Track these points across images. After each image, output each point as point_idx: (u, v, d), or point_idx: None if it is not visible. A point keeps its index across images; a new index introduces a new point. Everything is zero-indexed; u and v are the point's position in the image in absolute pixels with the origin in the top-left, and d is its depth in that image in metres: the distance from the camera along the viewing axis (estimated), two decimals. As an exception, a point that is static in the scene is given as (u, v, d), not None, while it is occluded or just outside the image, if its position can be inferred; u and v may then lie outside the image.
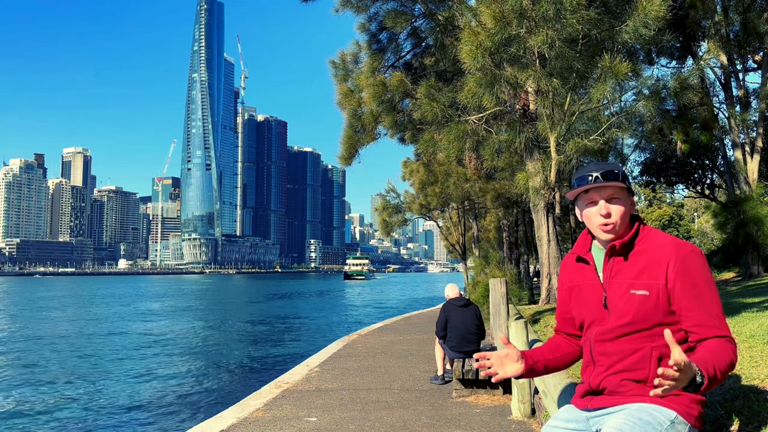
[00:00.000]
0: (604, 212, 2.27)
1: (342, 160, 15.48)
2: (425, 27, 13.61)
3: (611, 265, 2.30)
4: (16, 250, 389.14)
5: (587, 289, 2.37)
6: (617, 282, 2.26)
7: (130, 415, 12.78)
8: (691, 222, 60.54)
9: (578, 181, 2.33)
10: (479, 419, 6.38)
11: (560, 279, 2.58)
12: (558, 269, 14.15)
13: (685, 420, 2.12)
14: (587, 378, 2.34)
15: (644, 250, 2.26)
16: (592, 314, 2.34)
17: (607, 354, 2.25)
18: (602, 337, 2.27)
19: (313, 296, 73.75)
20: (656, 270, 2.19)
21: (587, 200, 2.33)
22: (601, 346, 2.27)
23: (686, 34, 16.46)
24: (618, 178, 2.27)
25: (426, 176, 27.53)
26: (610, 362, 2.24)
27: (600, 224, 2.30)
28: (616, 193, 2.28)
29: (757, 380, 3.32)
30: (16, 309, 51.35)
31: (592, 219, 2.32)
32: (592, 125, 10.15)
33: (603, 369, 2.26)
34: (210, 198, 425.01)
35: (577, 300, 2.41)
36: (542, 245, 13.91)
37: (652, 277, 2.19)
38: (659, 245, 2.24)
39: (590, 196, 2.31)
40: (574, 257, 2.48)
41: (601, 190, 2.28)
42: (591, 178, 2.28)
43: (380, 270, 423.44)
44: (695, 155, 23.70)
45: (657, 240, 2.26)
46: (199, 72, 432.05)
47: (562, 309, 2.58)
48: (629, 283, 2.22)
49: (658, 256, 2.21)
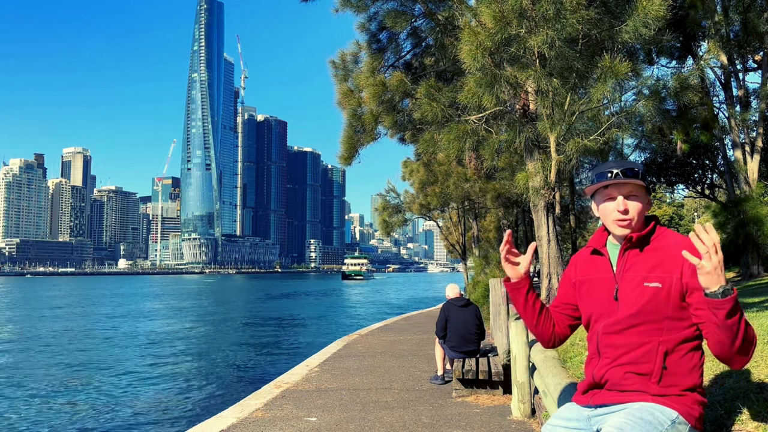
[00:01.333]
0: (621, 208, 2.29)
1: (342, 160, 15.47)
2: (425, 27, 13.61)
3: (626, 259, 2.32)
4: (15, 250, 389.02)
5: (598, 283, 2.39)
6: (631, 275, 2.28)
7: (130, 415, 12.77)
8: (691, 222, 60.54)
9: (598, 177, 2.35)
10: (479, 419, 6.38)
11: (567, 272, 2.60)
12: (558, 269, 14.16)
13: (686, 420, 2.12)
14: (591, 371, 2.35)
15: (660, 247, 2.28)
16: (601, 307, 2.35)
17: (614, 346, 2.26)
18: (610, 329, 2.28)
19: (313, 296, 73.73)
20: (671, 265, 2.22)
21: (606, 196, 2.36)
22: (609, 338, 2.28)
23: (686, 34, 16.46)
24: (638, 176, 2.30)
25: (426, 176, 27.53)
26: (616, 354, 2.25)
27: (616, 219, 2.32)
28: (635, 190, 2.31)
29: (758, 380, 3.32)
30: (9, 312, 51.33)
31: (609, 214, 2.34)
32: (592, 125, 10.14)
33: (608, 361, 2.27)
34: (210, 198, 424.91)
35: (587, 294, 2.43)
36: (542, 245, 13.89)
37: (666, 271, 2.21)
38: (675, 242, 2.26)
39: (609, 192, 2.34)
40: (588, 251, 2.50)
41: (620, 186, 2.32)
42: (611, 175, 2.30)
43: (380, 270, 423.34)
44: (695, 155, 23.70)
45: (672, 238, 2.29)
46: (199, 72, 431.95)
47: (561, 296, 2.59)
48: (643, 276, 2.25)
49: (673, 252, 2.23)
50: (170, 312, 46.71)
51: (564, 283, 2.60)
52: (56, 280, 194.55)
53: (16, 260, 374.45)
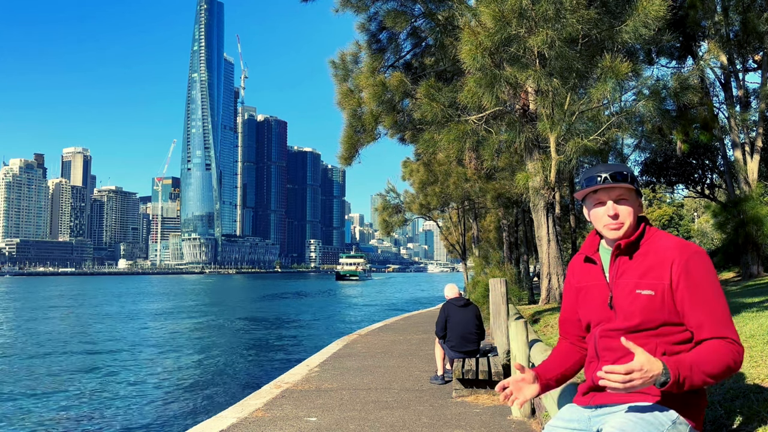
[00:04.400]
0: (612, 213, 2.28)
1: (342, 160, 15.48)
2: (425, 27, 13.61)
3: (617, 265, 2.31)
4: (15, 250, 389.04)
5: (594, 290, 2.37)
6: (623, 282, 2.26)
7: (130, 415, 12.77)
8: (691, 222, 60.53)
9: (587, 182, 2.33)
10: (479, 419, 6.38)
11: (568, 279, 2.59)
12: (558, 269, 14.19)
13: (686, 421, 2.12)
14: (591, 374, 2.34)
15: (649, 251, 2.26)
16: (598, 314, 2.34)
17: (612, 349, 2.26)
18: (608, 333, 2.28)
19: (313, 296, 73.75)
20: (661, 270, 2.20)
21: (595, 200, 2.34)
22: (606, 341, 2.28)
23: (686, 34, 16.46)
24: (627, 180, 2.28)
25: (426, 176, 27.54)
26: (614, 357, 2.24)
27: (607, 224, 2.31)
28: (625, 194, 2.29)
29: (757, 380, 3.32)
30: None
31: (600, 219, 2.33)
32: (592, 125, 10.14)
33: (608, 363, 2.25)
34: (210, 198, 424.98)
35: (585, 301, 2.42)
36: (542, 245, 13.91)
37: (656, 277, 2.20)
38: (664, 246, 2.24)
39: (598, 197, 2.32)
40: (582, 258, 2.48)
41: (609, 190, 2.29)
42: (600, 179, 2.28)
43: (380, 270, 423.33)
44: (695, 155, 23.71)
45: (662, 241, 2.27)
46: (199, 72, 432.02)
47: (568, 310, 2.57)
48: (635, 282, 2.23)
49: (662, 257, 2.21)
50: (170, 312, 46.71)
51: (568, 292, 2.58)
52: (56, 279, 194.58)
53: (16, 260, 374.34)
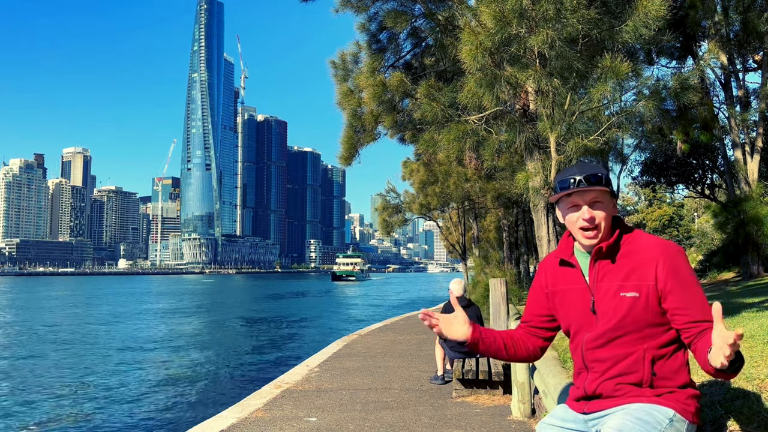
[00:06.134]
0: (587, 217, 2.21)
1: (342, 160, 15.46)
2: (425, 27, 13.60)
3: (597, 269, 2.24)
4: (15, 250, 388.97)
5: (573, 294, 2.30)
6: (605, 285, 2.21)
7: (130, 415, 12.78)
8: (691, 222, 60.50)
9: (560, 184, 2.26)
10: (479, 419, 6.38)
11: (537, 281, 2.48)
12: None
13: (683, 417, 2.13)
14: (581, 384, 2.29)
15: (631, 252, 2.21)
16: (579, 320, 2.28)
17: (600, 360, 2.22)
18: (593, 344, 2.23)
19: (313, 296, 73.74)
20: (644, 271, 2.16)
21: (569, 204, 2.27)
22: (593, 353, 2.23)
23: (686, 34, 16.46)
24: (601, 182, 2.21)
25: (426, 176, 27.55)
26: (604, 368, 2.21)
27: (582, 230, 2.24)
28: (599, 196, 2.23)
29: (757, 380, 3.32)
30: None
31: (575, 223, 2.26)
32: (592, 125, 10.14)
33: (597, 375, 2.23)
34: (210, 198, 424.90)
35: (562, 305, 2.35)
36: (542, 245, 13.89)
37: (641, 278, 2.16)
38: (645, 246, 2.20)
39: (572, 200, 2.25)
40: (556, 260, 2.40)
41: (583, 194, 2.23)
42: (574, 182, 2.21)
43: (380, 270, 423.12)
44: (695, 155, 23.70)
45: (643, 241, 2.23)
46: (199, 72, 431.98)
47: (533, 307, 2.48)
48: (618, 285, 2.18)
49: (644, 257, 2.17)
50: (170, 312, 46.70)
51: (535, 292, 2.48)
52: (56, 280, 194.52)
53: (16, 260, 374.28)
